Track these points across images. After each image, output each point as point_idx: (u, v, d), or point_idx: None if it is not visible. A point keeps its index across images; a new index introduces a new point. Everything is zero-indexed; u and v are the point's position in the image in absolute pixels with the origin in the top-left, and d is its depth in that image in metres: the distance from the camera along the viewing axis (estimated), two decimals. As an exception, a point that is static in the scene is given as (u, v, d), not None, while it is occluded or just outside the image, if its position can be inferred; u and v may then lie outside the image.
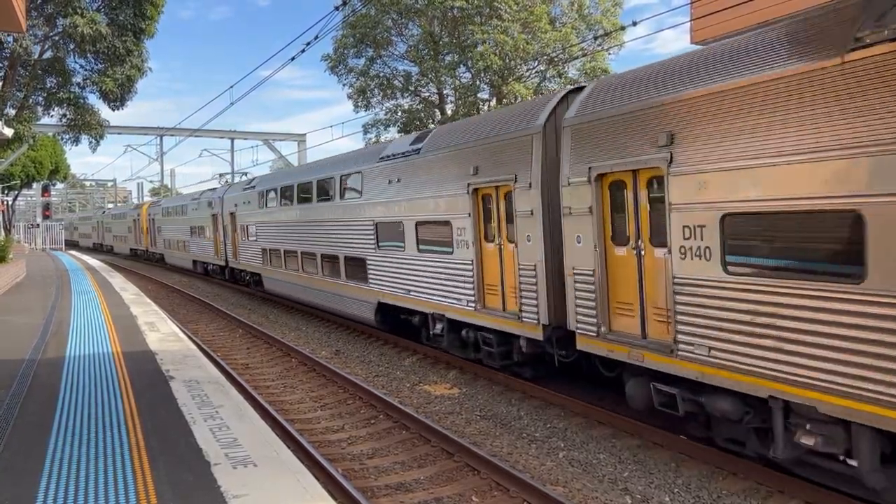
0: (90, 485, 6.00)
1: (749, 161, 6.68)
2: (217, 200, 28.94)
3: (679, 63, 8.05)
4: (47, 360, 11.42)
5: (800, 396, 6.38)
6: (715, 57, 7.44)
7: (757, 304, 6.73)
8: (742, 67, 6.90)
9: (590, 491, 7.56)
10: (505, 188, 10.76)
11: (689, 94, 7.40)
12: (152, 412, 8.22)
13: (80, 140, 27.85)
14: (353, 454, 8.95)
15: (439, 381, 12.55)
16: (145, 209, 45.14)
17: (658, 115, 7.78)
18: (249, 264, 24.93)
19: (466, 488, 7.68)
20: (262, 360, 14.99)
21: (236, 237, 26.49)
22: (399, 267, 14.13)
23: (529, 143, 10.14)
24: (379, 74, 35.74)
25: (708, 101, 7.14)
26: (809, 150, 6.15)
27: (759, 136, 6.59)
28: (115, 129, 42.31)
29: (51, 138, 47.08)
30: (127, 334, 13.99)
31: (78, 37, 22.50)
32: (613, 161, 8.45)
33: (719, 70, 7.17)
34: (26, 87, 25.70)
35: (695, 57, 7.95)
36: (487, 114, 12.18)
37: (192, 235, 33.78)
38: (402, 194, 13.88)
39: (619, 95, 8.60)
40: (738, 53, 7.10)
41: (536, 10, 30.57)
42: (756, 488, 7.32)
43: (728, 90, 6.92)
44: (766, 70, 6.60)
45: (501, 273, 11.12)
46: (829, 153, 5.98)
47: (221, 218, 28.34)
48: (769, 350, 6.63)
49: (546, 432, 9.52)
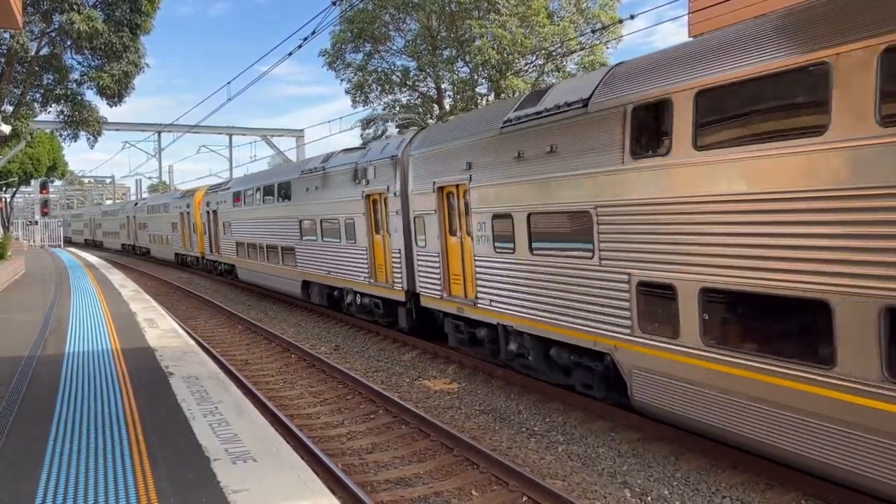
0: (90, 480, 6.01)
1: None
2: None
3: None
4: (47, 357, 11.42)
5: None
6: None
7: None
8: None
9: (589, 485, 7.57)
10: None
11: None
12: (152, 408, 8.22)
13: (78, 136, 27.82)
14: (353, 449, 8.97)
15: (438, 376, 12.57)
16: (200, 197, 32.24)
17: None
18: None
19: (466, 483, 7.69)
20: (261, 355, 15.00)
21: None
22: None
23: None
24: (377, 69, 35.69)
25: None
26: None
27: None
28: (113, 126, 42.08)
29: (48, 135, 47.01)
30: (126, 331, 13.99)
31: (74, 33, 22.46)
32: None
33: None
34: (23, 83, 25.66)
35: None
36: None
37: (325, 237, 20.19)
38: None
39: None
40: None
41: (534, 4, 30.50)
42: (755, 481, 7.34)
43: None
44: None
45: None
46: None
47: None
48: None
49: (545, 426, 9.53)
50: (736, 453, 7.72)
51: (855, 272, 5.73)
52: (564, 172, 9.10)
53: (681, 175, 7.28)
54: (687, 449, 8.23)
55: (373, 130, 36.43)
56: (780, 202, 6.30)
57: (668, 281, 7.50)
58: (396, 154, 14.41)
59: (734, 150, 6.72)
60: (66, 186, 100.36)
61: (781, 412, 6.41)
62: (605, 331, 8.55)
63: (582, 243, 8.88)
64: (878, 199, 5.55)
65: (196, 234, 33.11)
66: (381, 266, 15.35)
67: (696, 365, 7.22)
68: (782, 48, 6.37)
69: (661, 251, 7.58)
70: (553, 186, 9.36)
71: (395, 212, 14.33)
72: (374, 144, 16.94)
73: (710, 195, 6.96)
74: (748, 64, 6.58)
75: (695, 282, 7.16)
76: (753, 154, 6.52)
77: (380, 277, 15.46)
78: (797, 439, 6.32)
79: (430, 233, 13.05)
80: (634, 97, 7.92)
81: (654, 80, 7.72)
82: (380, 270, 15.47)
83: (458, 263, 12.35)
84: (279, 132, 53.37)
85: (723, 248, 6.87)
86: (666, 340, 7.59)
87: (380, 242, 15.35)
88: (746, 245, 6.61)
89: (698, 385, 7.24)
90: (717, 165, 6.88)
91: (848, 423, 5.86)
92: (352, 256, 16.54)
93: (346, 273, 16.98)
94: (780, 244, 6.30)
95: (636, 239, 7.97)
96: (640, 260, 7.92)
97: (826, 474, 6.33)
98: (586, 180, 8.69)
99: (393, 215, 14.44)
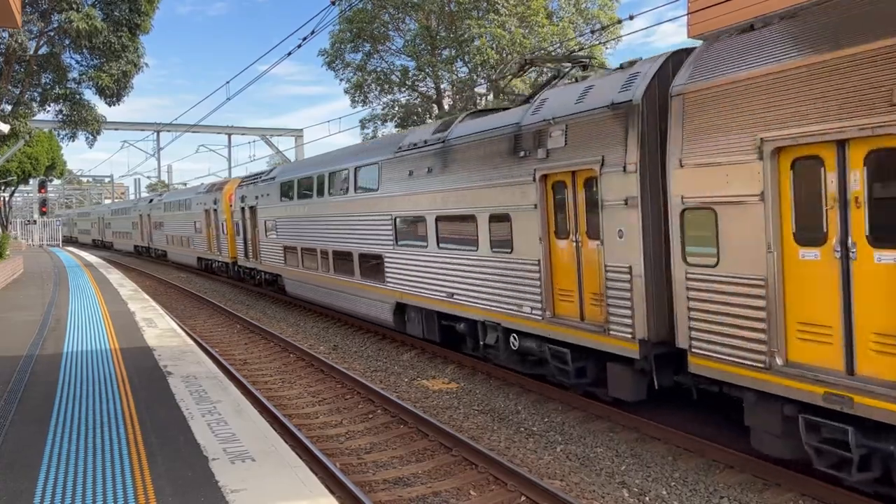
0: (88, 480, 6.01)
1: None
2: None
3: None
4: (45, 357, 11.42)
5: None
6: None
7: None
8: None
9: (587, 485, 7.58)
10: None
11: None
12: (150, 408, 8.22)
13: (76, 136, 27.80)
14: (352, 449, 8.97)
15: (437, 375, 12.57)
16: (231, 190, 27.21)
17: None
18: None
19: (464, 482, 7.70)
20: (260, 355, 15.00)
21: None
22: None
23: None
24: (376, 69, 35.73)
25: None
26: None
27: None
28: (112, 125, 42.07)
29: (47, 134, 46.96)
30: (125, 330, 13.99)
31: (73, 32, 22.45)
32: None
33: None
34: (22, 82, 25.64)
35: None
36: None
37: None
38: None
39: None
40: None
41: (533, 4, 30.54)
42: (753, 481, 7.35)
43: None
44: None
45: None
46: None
47: None
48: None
49: (544, 426, 9.54)
50: (733, 454, 7.74)
51: None
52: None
53: None
54: (685, 449, 8.24)
55: (371, 130, 36.48)
56: None
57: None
58: (632, 97, 8.56)
59: None
60: (64, 186, 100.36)
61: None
62: None
63: None
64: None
65: (226, 236, 27.94)
66: (570, 294, 9.85)
67: None
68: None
69: None
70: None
71: (620, 201, 8.70)
72: (554, 92, 10.74)
73: None
74: None
75: None
76: None
77: (567, 311, 9.91)
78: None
79: (733, 237, 7.16)
80: None
81: None
82: (566, 300, 9.95)
83: (823, 304, 6.43)
84: (278, 132, 53.36)
85: None
86: None
87: (567, 252, 9.85)
88: None
89: None
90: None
91: None
92: (505, 273, 10.99)
93: (491, 297, 11.39)
94: None
95: None
96: None
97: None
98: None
99: (616, 207, 8.79)
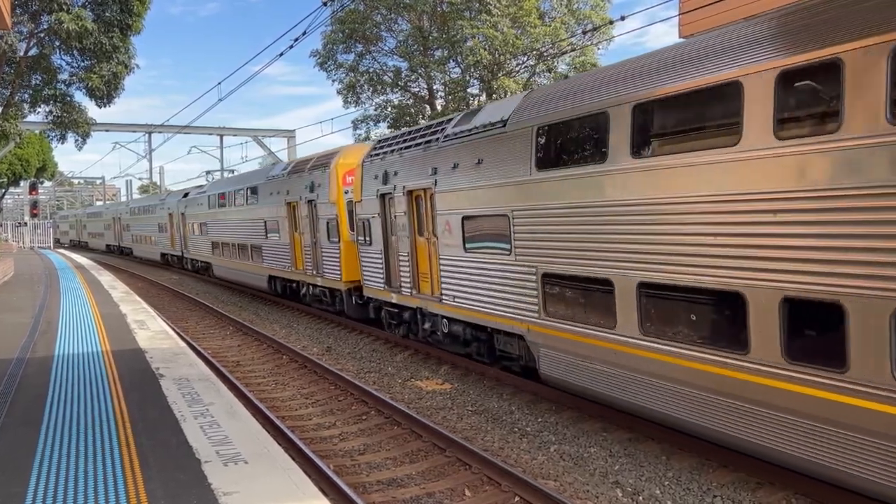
0: (80, 482, 5.97)
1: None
2: None
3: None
4: (36, 359, 11.35)
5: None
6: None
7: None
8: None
9: (581, 484, 7.59)
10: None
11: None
12: (142, 410, 8.18)
13: (65, 138, 27.63)
14: (345, 450, 8.95)
15: (431, 376, 12.56)
16: (347, 165, 16.95)
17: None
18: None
19: (458, 483, 7.69)
20: (252, 357, 14.95)
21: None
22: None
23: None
24: (368, 70, 35.64)
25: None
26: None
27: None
28: (103, 127, 41.68)
29: (37, 136, 46.68)
30: (116, 332, 13.92)
31: (63, 33, 22.27)
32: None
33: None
34: (12, 84, 25.45)
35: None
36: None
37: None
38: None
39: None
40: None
41: (526, 4, 30.54)
42: (746, 480, 7.37)
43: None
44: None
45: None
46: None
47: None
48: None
49: (537, 426, 9.55)
50: (727, 453, 7.75)
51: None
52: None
53: None
54: (678, 448, 8.26)
55: (363, 131, 36.41)
56: None
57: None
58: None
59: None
60: (55, 188, 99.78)
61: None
62: None
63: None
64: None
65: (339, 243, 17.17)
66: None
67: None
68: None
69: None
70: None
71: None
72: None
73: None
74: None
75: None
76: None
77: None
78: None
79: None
80: None
81: None
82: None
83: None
84: (270, 132, 53.15)
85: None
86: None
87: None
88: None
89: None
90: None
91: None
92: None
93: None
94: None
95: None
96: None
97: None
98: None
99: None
